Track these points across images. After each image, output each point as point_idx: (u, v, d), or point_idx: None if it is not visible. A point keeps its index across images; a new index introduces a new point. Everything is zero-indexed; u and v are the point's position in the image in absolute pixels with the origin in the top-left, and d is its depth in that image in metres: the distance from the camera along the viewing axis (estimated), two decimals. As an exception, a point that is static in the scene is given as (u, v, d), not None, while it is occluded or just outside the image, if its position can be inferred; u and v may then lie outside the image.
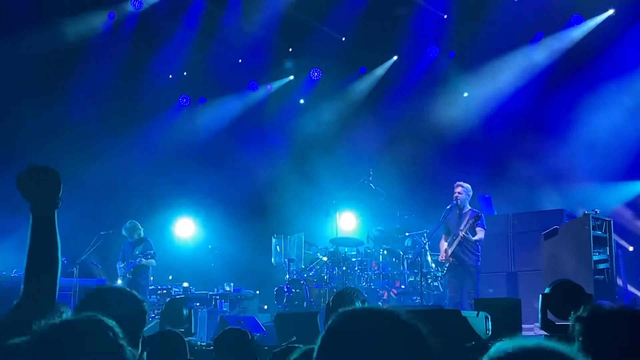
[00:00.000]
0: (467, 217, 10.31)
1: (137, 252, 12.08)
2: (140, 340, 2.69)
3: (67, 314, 7.44)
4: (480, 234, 10.19)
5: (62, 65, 14.66)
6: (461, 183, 10.59)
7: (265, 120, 16.64)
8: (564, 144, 13.22)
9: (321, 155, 15.09)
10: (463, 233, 10.09)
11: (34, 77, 14.35)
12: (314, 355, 1.73)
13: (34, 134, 14.38)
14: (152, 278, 12.66)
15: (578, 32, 13.78)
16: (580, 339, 1.63)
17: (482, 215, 10.46)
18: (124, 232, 12.32)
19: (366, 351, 1.66)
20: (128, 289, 2.91)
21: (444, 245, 10.56)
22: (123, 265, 12.14)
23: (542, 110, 13.78)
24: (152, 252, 12.08)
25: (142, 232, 12.37)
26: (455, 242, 10.24)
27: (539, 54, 14.03)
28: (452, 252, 10.28)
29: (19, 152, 14.74)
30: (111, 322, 1.90)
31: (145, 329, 2.80)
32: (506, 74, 14.07)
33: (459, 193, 10.46)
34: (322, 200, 12.83)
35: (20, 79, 14.16)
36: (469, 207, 10.57)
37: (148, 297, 12.36)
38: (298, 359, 2.54)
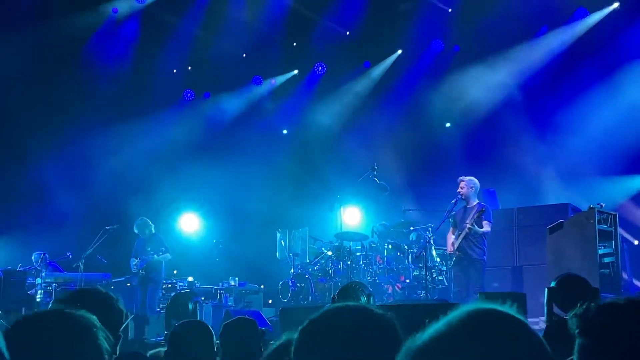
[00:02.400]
0: (474, 211, 10.29)
1: (148, 249, 12.22)
2: (120, 339, 2.80)
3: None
4: (486, 227, 10.19)
5: (66, 61, 14.67)
6: (463, 177, 10.57)
7: (269, 115, 16.62)
8: (568, 138, 13.18)
9: (325, 150, 15.08)
10: (469, 225, 10.08)
11: (38, 72, 14.37)
12: (292, 349, 1.75)
13: (38, 130, 14.41)
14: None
15: (583, 25, 13.72)
16: (580, 336, 1.59)
17: (488, 208, 10.45)
18: (135, 230, 12.57)
19: (340, 346, 1.69)
20: (103, 290, 2.98)
21: (451, 238, 10.58)
22: (137, 261, 12.27)
23: (547, 104, 13.74)
24: (163, 247, 12.29)
25: (153, 229, 12.62)
26: (461, 236, 10.25)
27: (543, 48, 13.97)
28: (458, 246, 10.29)
29: (24, 148, 14.78)
30: (81, 313, 1.90)
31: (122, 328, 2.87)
32: (510, 67, 14.02)
33: (461, 188, 10.46)
34: (327, 194, 12.82)
35: (25, 75, 14.18)
36: (476, 201, 10.55)
37: (161, 292, 12.46)
38: (274, 351, 2.52)
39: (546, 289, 4.93)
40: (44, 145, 14.52)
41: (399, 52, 15.64)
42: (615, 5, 13.36)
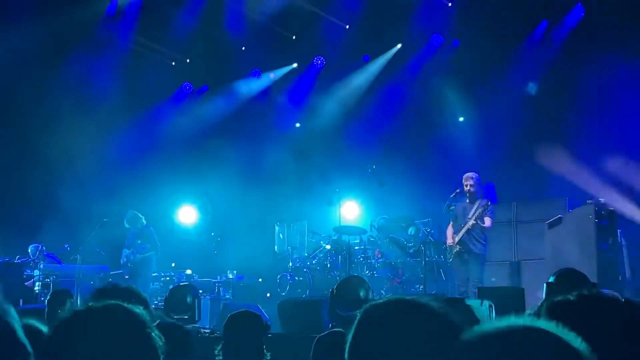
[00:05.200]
0: (476, 206, 10.34)
1: (138, 242, 12.32)
2: None
3: (70, 301, 7.36)
4: (487, 222, 10.23)
5: (65, 51, 14.62)
6: (470, 175, 10.60)
7: (267, 108, 16.58)
8: (566, 133, 13.16)
9: (324, 143, 15.05)
10: (472, 221, 10.13)
11: (37, 62, 14.32)
12: (347, 343, 1.72)
13: (36, 121, 14.36)
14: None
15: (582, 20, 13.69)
16: None
17: (492, 204, 10.48)
18: (126, 224, 12.72)
19: (398, 342, 1.67)
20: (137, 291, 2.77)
21: (450, 231, 10.58)
22: (129, 252, 12.42)
23: (546, 99, 13.72)
24: (148, 246, 12.48)
25: (143, 221, 12.75)
26: (463, 230, 10.27)
27: (542, 43, 13.95)
28: (460, 240, 10.31)
29: (21, 139, 14.74)
30: (137, 309, 1.83)
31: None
32: (508, 61, 13.99)
33: (471, 186, 10.47)
34: (326, 188, 12.81)
35: (23, 65, 14.13)
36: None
37: (150, 285, 12.54)
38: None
39: (544, 284, 4.92)
40: (40, 136, 14.48)
41: (399, 46, 15.60)
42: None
